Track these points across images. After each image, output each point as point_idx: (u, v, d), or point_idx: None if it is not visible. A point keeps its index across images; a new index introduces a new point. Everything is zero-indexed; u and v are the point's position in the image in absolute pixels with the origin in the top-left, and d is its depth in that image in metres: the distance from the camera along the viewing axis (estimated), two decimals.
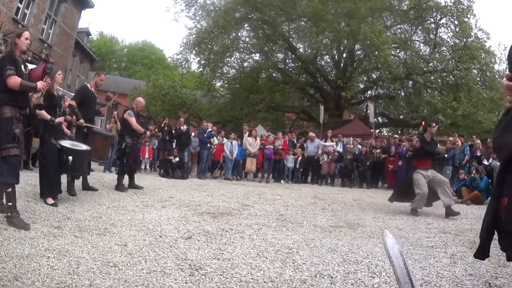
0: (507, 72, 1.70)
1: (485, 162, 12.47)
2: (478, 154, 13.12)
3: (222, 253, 4.09)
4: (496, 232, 1.79)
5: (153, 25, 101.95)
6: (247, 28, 27.01)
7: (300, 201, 8.81)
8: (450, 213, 7.58)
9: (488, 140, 14.06)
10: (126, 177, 8.61)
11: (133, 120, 8.43)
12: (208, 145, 14.44)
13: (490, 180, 11.27)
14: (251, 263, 3.82)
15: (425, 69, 24.07)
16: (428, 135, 8.14)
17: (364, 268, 3.91)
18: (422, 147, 7.95)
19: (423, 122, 11.31)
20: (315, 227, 5.95)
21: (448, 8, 24.12)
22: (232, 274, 3.46)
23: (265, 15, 24.02)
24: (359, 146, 15.67)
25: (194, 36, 26.61)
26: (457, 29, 24.19)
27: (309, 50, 25.23)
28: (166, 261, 3.69)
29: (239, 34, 27.49)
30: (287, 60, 27.97)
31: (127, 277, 3.23)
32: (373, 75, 26.50)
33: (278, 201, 8.57)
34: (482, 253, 1.87)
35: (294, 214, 6.94)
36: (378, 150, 15.06)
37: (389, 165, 14.58)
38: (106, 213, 5.82)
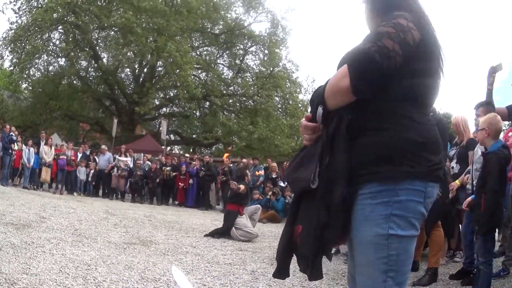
0: (309, 113, 1.78)
1: (282, 184, 13.54)
2: (274, 176, 14.18)
3: (29, 268, 4.08)
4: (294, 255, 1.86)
5: None
6: (60, 30, 25.13)
7: (93, 215, 8.64)
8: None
9: (285, 163, 15.34)
10: None
11: None
12: (10, 150, 13.81)
13: (286, 201, 12.30)
14: (56, 279, 3.82)
15: (224, 92, 25.44)
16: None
17: (163, 286, 4.02)
18: (248, 193, 8.16)
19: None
20: (109, 243, 5.91)
21: (261, 37, 26.03)
22: None
23: (79, 20, 22.64)
24: (149, 163, 15.76)
25: (13, 31, 23.74)
26: (265, 58, 26.28)
27: (111, 61, 24.46)
28: None
29: (51, 35, 25.50)
30: (90, 69, 26.79)
31: None
32: (171, 92, 26.97)
33: (72, 214, 8.38)
34: (281, 273, 1.90)
35: (88, 229, 6.82)
36: (168, 168, 15.21)
37: (180, 183, 14.84)
38: None
